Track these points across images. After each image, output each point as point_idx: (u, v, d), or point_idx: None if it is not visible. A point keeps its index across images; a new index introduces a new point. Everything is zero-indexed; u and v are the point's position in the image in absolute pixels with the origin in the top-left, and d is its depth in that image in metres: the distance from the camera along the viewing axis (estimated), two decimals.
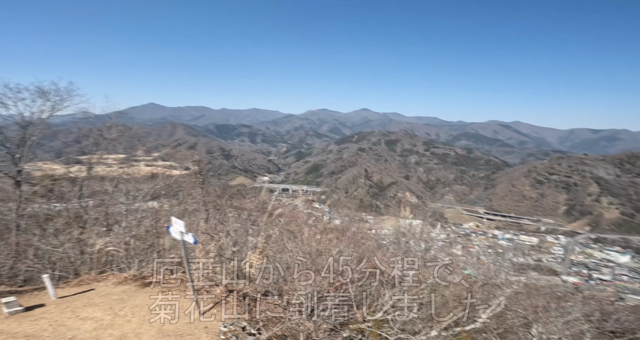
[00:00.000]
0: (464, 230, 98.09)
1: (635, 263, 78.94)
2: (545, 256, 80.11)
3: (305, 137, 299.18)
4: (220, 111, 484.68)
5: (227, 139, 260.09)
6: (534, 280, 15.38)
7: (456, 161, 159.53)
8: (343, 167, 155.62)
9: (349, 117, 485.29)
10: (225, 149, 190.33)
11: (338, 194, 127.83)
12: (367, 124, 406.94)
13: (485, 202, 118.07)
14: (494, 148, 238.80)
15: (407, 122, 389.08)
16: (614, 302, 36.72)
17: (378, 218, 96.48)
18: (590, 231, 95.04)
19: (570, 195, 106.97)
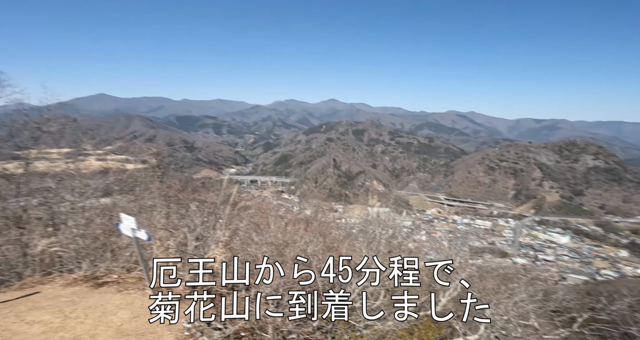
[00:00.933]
0: (427, 216, 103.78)
1: (574, 243, 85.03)
2: (498, 239, 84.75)
3: (273, 128, 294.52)
4: (182, 102, 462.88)
5: (190, 131, 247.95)
6: (488, 262, 16.78)
7: (419, 150, 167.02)
8: (312, 157, 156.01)
9: (317, 108, 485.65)
10: (188, 141, 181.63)
11: (307, 184, 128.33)
12: (335, 114, 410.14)
13: (445, 189, 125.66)
14: (452, 137, 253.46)
15: (374, 113, 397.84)
16: (557, 282, 41.30)
17: (347, 207, 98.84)
18: (534, 214, 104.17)
19: (517, 181, 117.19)
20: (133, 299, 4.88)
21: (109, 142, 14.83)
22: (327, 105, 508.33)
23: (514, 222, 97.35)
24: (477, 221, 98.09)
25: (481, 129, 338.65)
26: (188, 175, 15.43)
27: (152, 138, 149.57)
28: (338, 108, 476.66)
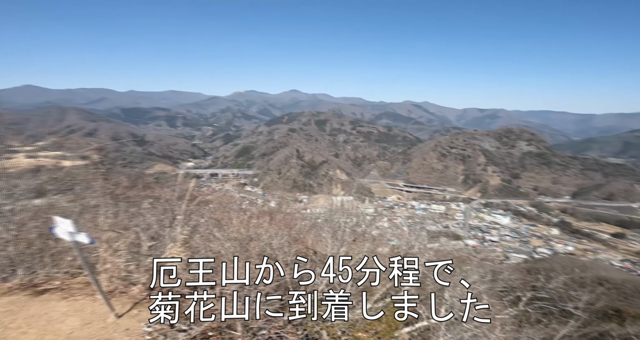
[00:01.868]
0: (388, 203, 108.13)
1: (514, 224, 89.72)
2: (451, 222, 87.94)
3: (233, 120, 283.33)
4: (128, 94, 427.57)
5: (139, 124, 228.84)
6: (444, 246, 18.02)
7: (379, 138, 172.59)
8: (274, 148, 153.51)
9: (278, 99, 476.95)
10: (137, 135, 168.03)
11: (271, 176, 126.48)
12: (297, 105, 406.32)
13: (404, 176, 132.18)
14: (409, 125, 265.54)
15: (335, 103, 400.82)
16: (502, 262, 45.55)
17: (312, 197, 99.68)
18: (481, 197, 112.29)
19: (465, 166, 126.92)
20: (82, 305, 4.57)
21: (40, 138, 13.10)
22: (289, 96, 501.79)
23: (464, 206, 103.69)
24: (432, 206, 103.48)
25: (434, 118, 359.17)
26: (139, 170, 14.24)
27: (92, 132, 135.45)
28: (300, 99, 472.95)
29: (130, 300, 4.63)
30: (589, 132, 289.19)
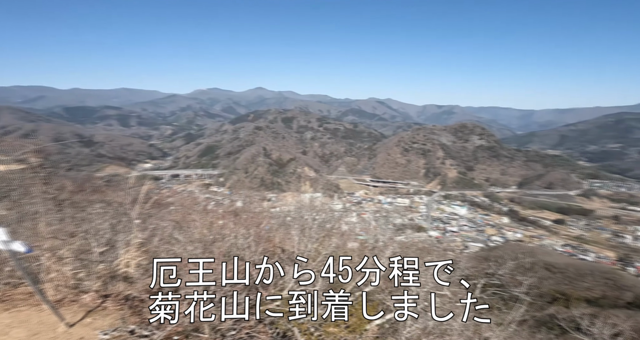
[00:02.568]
0: (356, 198, 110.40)
1: (471, 214, 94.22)
2: (415, 215, 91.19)
3: (194, 118, 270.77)
4: (71, 91, 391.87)
5: (86, 124, 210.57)
6: (410, 238, 18.82)
7: (345, 135, 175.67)
8: (241, 147, 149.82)
9: (243, 96, 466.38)
10: (83, 135, 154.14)
11: (238, 175, 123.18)
12: (262, 102, 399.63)
13: (370, 171, 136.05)
14: (374, 122, 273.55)
15: (302, 100, 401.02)
16: (462, 251, 48.33)
17: (280, 195, 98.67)
18: (440, 189, 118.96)
19: (426, 160, 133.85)
20: (27, 316, 4.32)
21: None
22: (255, 93, 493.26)
23: (426, 198, 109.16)
24: (398, 199, 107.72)
25: (397, 114, 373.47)
26: (87, 173, 13.03)
27: (30, 133, 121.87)
28: (266, 96, 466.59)
29: (82, 309, 4.45)
30: (531, 126, 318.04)
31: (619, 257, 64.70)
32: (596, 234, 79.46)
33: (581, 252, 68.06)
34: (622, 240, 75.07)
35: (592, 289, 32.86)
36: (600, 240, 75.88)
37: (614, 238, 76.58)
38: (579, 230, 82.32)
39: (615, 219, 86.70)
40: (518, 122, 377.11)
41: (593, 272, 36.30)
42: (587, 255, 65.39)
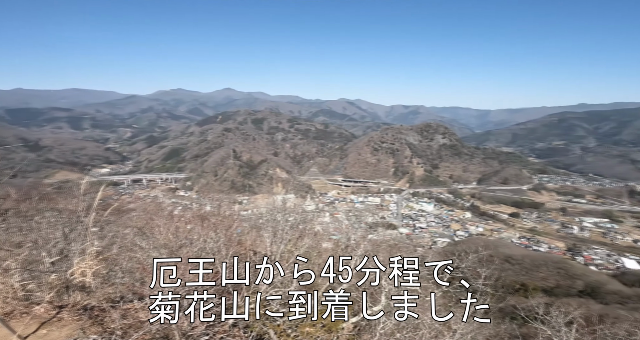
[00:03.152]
0: (329, 199, 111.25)
1: (437, 210, 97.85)
2: (386, 213, 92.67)
3: (157, 120, 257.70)
4: (14, 92, 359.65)
5: (31, 127, 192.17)
6: (382, 235, 19.22)
7: (317, 135, 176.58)
8: (209, 149, 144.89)
9: (211, 97, 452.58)
10: (28, 139, 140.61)
11: (206, 178, 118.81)
12: (231, 103, 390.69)
13: (342, 171, 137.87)
14: (344, 122, 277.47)
15: (272, 101, 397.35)
16: (431, 247, 50.11)
17: (252, 197, 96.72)
18: (409, 187, 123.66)
19: (395, 159, 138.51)
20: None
21: None
22: (223, 94, 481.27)
23: (396, 196, 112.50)
24: (369, 198, 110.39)
25: (366, 114, 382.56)
26: (33, 180, 11.80)
27: None
28: (235, 97, 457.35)
29: (35, 321, 4.26)
30: (487, 125, 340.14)
31: (568, 247, 69.82)
32: (547, 226, 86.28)
33: (535, 243, 72.91)
34: (570, 231, 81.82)
35: (547, 278, 35.58)
36: (550, 231, 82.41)
37: (562, 229, 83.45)
38: (531, 222, 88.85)
39: (563, 211, 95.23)
40: (476, 121, 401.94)
41: (547, 262, 38.98)
42: (540, 247, 70.10)
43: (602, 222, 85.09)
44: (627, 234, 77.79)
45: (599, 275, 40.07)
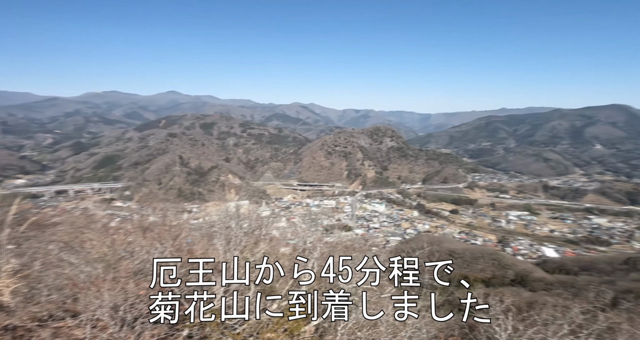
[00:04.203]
0: (284, 203, 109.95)
1: (388, 210, 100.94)
2: (342, 215, 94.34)
3: (86, 125, 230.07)
4: None
5: None
6: (338, 237, 19.48)
7: (270, 140, 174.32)
8: (151, 156, 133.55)
9: (152, 100, 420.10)
10: None
11: (148, 187, 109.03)
12: (177, 107, 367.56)
13: (296, 175, 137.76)
14: (298, 126, 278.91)
15: (222, 105, 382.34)
16: (384, 246, 51.86)
17: (203, 205, 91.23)
18: (362, 189, 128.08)
19: (348, 162, 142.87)
20: None
21: None
22: (166, 97, 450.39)
23: (350, 198, 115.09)
24: (325, 201, 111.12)
25: (319, 118, 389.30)
26: None
27: None
28: (180, 101, 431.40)
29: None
30: (428, 128, 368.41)
31: (499, 240, 76.89)
32: (481, 220, 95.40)
33: (472, 237, 79.37)
34: (499, 224, 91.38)
35: (484, 270, 38.88)
36: (484, 225, 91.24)
37: (493, 223, 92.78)
38: (468, 218, 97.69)
39: (492, 206, 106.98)
40: (419, 124, 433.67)
41: (483, 255, 42.38)
42: (477, 240, 76.32)
43: (523, 214, 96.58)
44: (544, 225, 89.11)
45: (525, 264, 44.31)
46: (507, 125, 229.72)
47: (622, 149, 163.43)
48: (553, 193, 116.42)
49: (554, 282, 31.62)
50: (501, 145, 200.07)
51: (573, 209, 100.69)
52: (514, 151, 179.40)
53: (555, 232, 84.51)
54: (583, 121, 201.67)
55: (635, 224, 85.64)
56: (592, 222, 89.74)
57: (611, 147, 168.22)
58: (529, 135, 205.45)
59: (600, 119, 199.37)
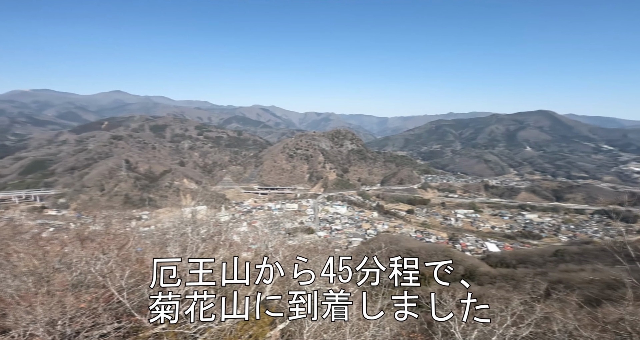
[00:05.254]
0: (245, 208, 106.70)
1: (349, 212, 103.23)
2: (304, 218, 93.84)
3: (11, 126, 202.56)
4: None
5: None
6: (301, 240, 19.32)
7: (229, 143, 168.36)
8: (91, 160, 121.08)
9: (93, 100, 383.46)
10: None
11: (89, 194, 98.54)
12: (123, 108, 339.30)
13: (257, 179, 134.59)
14: (258, 129, 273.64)
15: (177, 106, 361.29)
16: (347, 247, 52.47)
17: (155, 211, 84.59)
18: (324, 191, 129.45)
19: (309, 165, 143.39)
20: None
21: None
22: (110, 97, 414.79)
23: (312, 201, 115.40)
24: (287, 205, 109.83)
25: (280, 121, 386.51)
26: None
27: None
28: (127, 101, 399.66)
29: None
30: (386, 131, 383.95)
31: (449, 237, 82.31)
32: (433, 219, 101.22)
33: (426, 235, 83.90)
34: (449, 222, 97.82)
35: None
36: (436, 224, 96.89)
37: (444, 221, 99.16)
38: (423, 217, 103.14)
39: (443, 205, 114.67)
40: (377, 127, 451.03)
41: (437, 251, 44.67)
42: (431, 238, 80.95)
43: (469, 212, 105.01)
44: (487, 222, 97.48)
45: (472, 259, 47.17)
46: (454, 129, 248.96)
47: (548, 151, 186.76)
48: (493, 192, 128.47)
49: (497, 275, 34.00)
50: (449, 147, 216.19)
51: (509, 206, 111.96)
52: (460, 153, 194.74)
53: (496, 228, 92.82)
54: (516, 125, 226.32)
55: (561, 219, 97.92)
56: (525, 218, 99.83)
57: (539, 149, 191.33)
58: (472, 138, 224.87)
59: (529, 124, 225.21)
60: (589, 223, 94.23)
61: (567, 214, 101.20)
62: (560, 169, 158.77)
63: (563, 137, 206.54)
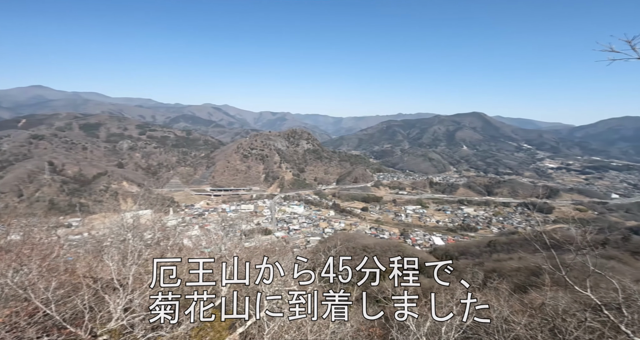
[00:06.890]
0: (197, 210, 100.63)
1: (307, 211, 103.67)
2: (261, 219, 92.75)
3: None
4: None
5: None
6: (258, 241, 18.73)
7: (177, 143, 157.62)
8: (6, 163, 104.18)
9: (7, 96, 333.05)
10: None
11: (4, 200, 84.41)
12: (44, 104, 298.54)
13: (210, 180, 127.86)
14: (210, 129, 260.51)
15: (113, 103, 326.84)
16: (306, 246, 52.13)
17: (87, 218, 75.33)
18: (280, 192, 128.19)
19: (265, 165, 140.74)
20: None
21: None
22: (29, 92, 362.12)
23: (269, 202, 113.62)
24: (242, 206, 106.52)
25: (234, 120, 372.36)
26: None
27: None
28: (50, 97, 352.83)
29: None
30: (340, 131, 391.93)
31: (401, 232, 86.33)
32: (386, 216, 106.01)
33: (380, 232, 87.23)
34: (400, 218, 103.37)
35: (393, 262, 43.36)
36: (389, 220, 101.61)
37: (395, 217, 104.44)
38: (376, 214, 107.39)
39: (394, 202, 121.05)
40: (332, 127, 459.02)
41: (390, 247, 46.74)
42: (384, 234, 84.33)
43: (417, 208, 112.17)
44: (432, 216, 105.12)
45: (422, 253, 49.37)
46: (402, 129, 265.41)
47: (480, 150, 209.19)
48: (436, 188, 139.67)
49: (443, 267, 36.80)
50: (399, 146, 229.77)
51: (450, 201, 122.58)
52: (408, 152, 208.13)
53: (440, 222, 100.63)
54: (454, 126, 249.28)
55: (492, 212, 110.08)
56: (463, 212, 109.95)
57: (473, 148, 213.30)
58: (419, 137, 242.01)
59: (465, 125, 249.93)
60: (514, 215, 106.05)
61: (496, 207, 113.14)
62: (490, 166, 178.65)
63: (492, 137, 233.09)
